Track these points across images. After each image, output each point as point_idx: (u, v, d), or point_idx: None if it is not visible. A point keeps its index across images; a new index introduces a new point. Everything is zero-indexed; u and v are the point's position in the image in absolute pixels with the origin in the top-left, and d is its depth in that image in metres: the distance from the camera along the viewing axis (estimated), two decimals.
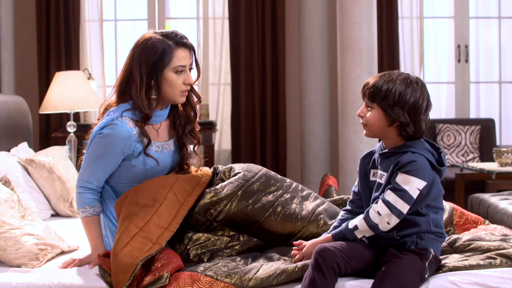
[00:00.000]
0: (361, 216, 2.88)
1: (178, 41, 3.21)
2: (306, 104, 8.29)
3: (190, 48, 3.25)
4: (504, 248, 3.03)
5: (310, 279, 2.72)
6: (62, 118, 7.94)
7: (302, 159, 8.37)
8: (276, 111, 8.39)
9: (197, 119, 3.41)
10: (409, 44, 8.64)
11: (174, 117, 3.37)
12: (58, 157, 4.62)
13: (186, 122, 3.37)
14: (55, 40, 8.11)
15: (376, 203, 2.86)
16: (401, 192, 2.82)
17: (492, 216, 4.57)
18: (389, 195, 2.84)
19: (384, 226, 2.84)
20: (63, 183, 4.43)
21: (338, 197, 3.75)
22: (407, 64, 8.63)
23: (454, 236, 3.26)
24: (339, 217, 3.12)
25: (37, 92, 8.04)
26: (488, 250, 3.05)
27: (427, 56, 8.82)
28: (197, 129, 3.42)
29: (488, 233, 3.29)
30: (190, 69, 3.27)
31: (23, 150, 4.74)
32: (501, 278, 2.85)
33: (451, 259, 3.02)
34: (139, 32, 8.51)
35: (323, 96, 8.32)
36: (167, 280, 2.78)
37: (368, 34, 6.21)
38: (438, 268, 2.93)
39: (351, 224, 2.89)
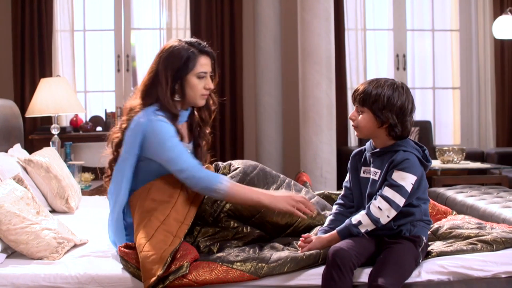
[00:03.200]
0: (363, 212, 2.90)
1: (201, 49, 3.20)
2: (260, 108, 8.31)
3: (211, 56, 3.25)
4: (483, 235, 3.11)
5: (330, 277, 2.73)
6: (36, 121, 7.83)
7: (258, 158, 8.38)
8: (234, 115, 8.41)
9: (211, 121, 3.40)
10: (354, 53, 8.75)
11: (191, 120, 3.35)
12: (52, 157, 4.55)
13: (202, 124, 3.36)
14: (29, 48, 7.99)
15: (375, 199, 2.89)
16: (398, 188, 2.87)
17: (451, 208, 4.64)
18: (387, 191, 2.87)
19: (384, 220, 2.87)
20: (59, 181, 4.36)
21: (319, 192, 3.79)
22: (352, 72, 8.73)
23: (436, 225, 3.33)
24: (334, 210, 3.14)
25: (12, 98, 7.87)
26: (468, 237, 3.13)
27: (370, 64, 8.93)
28: (207, 131, 3.40)
29: (463, 222, 3.37)
30: (210, 75, 3.25)
31: (17, 151, 4.64)
32: (483, 261, 2.94)
33: (436, 246, 3.08)
34: (106, 41, 8.51)
35: (277, 101, 8.36)
36: (187, 269, 2.78)
37: (327, 44, 6.26)
38: (427, 253, 2.99)
39: (355, 220, 2.91)
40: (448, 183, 6.23)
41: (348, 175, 3.16)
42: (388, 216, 2.87)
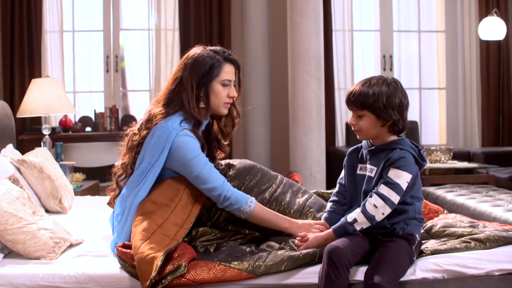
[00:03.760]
0: (358, 210, 2.90)
1: (226, 57, 3.20)
2: (249, 108, 8.32)
3: (235, 64, 3.24)
4: (476, 233, 3.12)
5: (327, 276, 2.72)
6: (25, 121, 7.80)
7: (246, 158, 8.37)
8: None
9: (233, 132, 3.38)
10: (341, 54, 8.78)
11: (208, 131, 3.33)
12: (45, 157, 4.53)
13: (222, 136, 3.35)
14: (19, 49, 7.98)
15: (371, 196, 2.89)
16: (393, 185, 2.86)
17: (442, 207, 4.67)
18: (383, 189, 2.87)
19: (379, 217, 2.87)
20: (52, 181, 4.34)
21: (313, 191, 3.78)
22: (340, 73, 8.76)
23: (429, 224, 3.33)
24: (328, 208, 3.15)
25: (2, 98, 7.84)
26: (462, 235, 3.13)
27: (357, 65, 8.97)
28: (226, 143, 3.40)
29: (456, 221, 3.39)
30: (234, 85, 3.24)
31: (10, 151, 4.61)
32: (477, 259, 2.94)
33: (430, 244, 3.10)
34: (95, 42, 8.48)
35: (265, 101, 8.37)
36: (186, 268, 2.76)
37: (316, 45, 6.29)
38: (421, 251, 3.00)
39: (350, 218, 2.90)
40: (436, 182, 6.27)
41: (343, 171, 3.15)
42: (383, 214, 2.87)
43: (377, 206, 2.86)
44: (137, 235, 2.89)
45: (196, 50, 3.21)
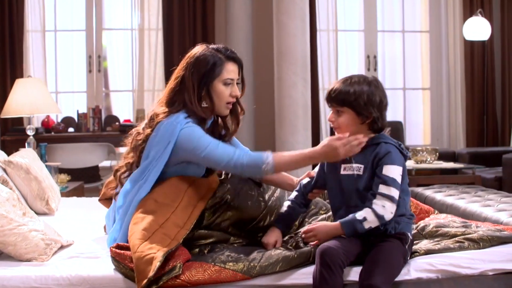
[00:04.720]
0: (368, 209, 2.85)
1: (228, 55, 3.17)
2: None
3: (238, 63, 3.22)
4: (469, 233, 3.14)
5: (321, 276, 2.71)
6: (7, 122, 7.74)
7: None
8: None
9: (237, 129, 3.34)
10: (326, 54, 8.81)
11: (214, 128, 3.28)
12: (32, 158, 4.51)
13: (225, 133, 3.30)
14: (0, 49, 7.93)
15: (375, 197, 2.86)
16: (391, 182, 2.85)
17: (431, 207, 4.70)
18: (384, 188, 2.85)
19: (388, 216, 2.85)
20: (39, 182, 4.32)
21: None
22: (324, 73, 8.78)
23: (422, 224, 3.35)
24: (292, 197, 3.20)
25: None
26: (455, 235, 3.15)
27: (341, 65, 9.00)
28: (230, 141, 3.35)
29: (448, 221, 3.41)
30: (237, 83, 3.22)
31: None
32: (471, 259, 2.96)
33: (423, 244, 3.11)
34: (78, 42, 8.46)
35: (248, 101, 8.35)
36: (180, 269, 2.75)
37: (303, 45, 6.30)
38: (414, 251, 3.01)
39: (359, 215, 2.86)
40: (423, 182, 6.30)
41: (317, 168, 3.16)
42: (391, 212, 2.85)
43: (385, 206, 2.84)
44: (137, 233, 2.87)
45: (198, 49, 3.18)
